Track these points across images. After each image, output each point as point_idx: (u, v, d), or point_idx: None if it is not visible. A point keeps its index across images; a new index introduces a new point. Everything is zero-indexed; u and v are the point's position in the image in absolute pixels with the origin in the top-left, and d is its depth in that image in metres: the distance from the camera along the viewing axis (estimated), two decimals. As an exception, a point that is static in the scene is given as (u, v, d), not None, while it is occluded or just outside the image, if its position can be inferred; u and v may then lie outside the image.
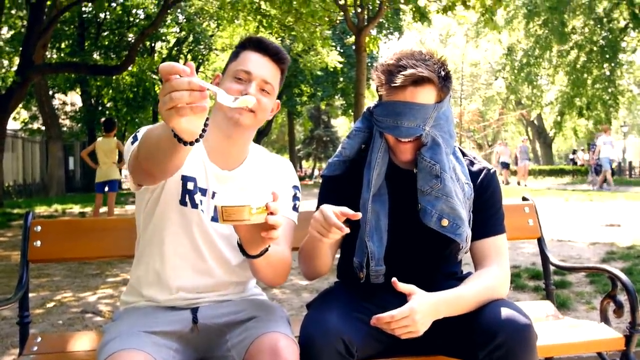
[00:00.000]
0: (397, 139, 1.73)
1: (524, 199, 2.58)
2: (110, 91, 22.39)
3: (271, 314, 1.70)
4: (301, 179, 41.04)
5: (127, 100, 22.81)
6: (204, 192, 1.74)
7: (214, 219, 1.73)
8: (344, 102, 31.85)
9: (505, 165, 21.78)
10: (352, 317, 1.66)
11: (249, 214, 1.34)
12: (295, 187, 1.88)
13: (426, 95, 1.67)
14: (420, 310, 1.54)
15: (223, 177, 1.77)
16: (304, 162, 51.72)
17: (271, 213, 1.38)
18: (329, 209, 1.52)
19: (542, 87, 30.88)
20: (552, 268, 2.48)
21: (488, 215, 1.81)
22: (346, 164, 1.88)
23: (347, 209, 1.53)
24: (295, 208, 1.86)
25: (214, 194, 1.75)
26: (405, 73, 1.64)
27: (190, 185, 1.71)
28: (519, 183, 20.81)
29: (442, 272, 1.85)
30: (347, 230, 1.49)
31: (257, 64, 1.72)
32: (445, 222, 1.71)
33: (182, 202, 1.70)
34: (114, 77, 20.62)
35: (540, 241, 2.50)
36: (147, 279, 1.74)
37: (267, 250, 1.53)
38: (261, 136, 31.49)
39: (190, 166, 1.71)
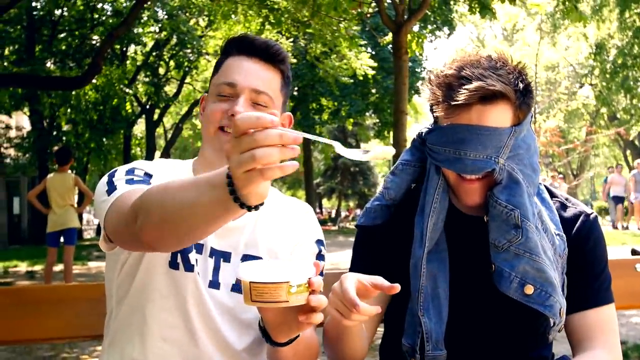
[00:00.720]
0: (460, 176, 1.72)
1: (635, 252, 2.53)
2: (69, 110, 22.78)
3: None
4: (322, 222, 41.06)
5: (90, 123, 23.15)
6: (199, 248, 1.73)
7: (214, 283, 1.72)
8: (378, 120, 32.07)
9: (619, 200, 20.25)
10: None
11: (287, 293, 1.31)
12: (319, 242, 1.88)
13: (499, 115, 1.66)
14: None
15: (225, 228, 1.74)
16: (324, 201, 51.91)
17: (313, 291, 1.36)
18: (350, 280, 1.48)
19: (644, 97, 30.77)
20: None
21: (589, 279, 1.79)
22: (390, 209, 1.87)
23: (379, 279, 1.49)
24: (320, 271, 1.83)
25: (212, 250, 1.74)
26: (470, 87, 1.62)
27: (194, 255, 1.71)
28: (626, 227, 20.02)
29: (527, 358, 1.80)
30: (370, 310, 1.44)
31: (243, 71, 1.73)
32: (529, 290, 1.68)
33: (173, 265, 1.69)
34: (73, 93, 20.97)
35: (660, 311, 2.43)
36: None
37: (298, 336, 1.52)
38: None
39: None
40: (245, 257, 1.75)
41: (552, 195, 1.88)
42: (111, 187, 1.60)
